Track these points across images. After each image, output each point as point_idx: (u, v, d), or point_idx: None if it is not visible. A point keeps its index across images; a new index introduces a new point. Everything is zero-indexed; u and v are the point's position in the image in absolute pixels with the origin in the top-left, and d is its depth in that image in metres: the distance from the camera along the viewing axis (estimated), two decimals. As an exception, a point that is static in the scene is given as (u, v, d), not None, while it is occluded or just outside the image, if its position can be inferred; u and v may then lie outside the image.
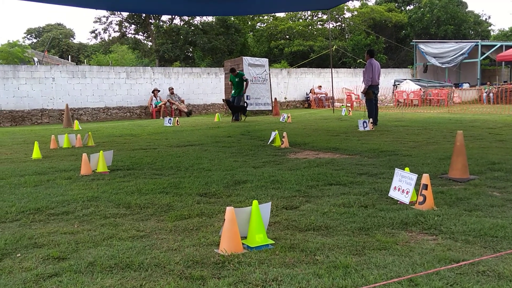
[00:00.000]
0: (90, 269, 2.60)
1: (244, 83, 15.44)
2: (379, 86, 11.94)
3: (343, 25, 37.68)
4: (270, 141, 8.30)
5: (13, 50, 21.10)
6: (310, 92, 24.92)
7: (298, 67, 26.22)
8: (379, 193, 4.24)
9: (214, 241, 3.02)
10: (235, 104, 15.43)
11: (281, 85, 24.48)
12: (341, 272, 2.47)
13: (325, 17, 37.11)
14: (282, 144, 7.97)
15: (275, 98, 19.98)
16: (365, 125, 10.45)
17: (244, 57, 19.60)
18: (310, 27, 37.09)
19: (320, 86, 25.05)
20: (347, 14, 37.63)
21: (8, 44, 21.66)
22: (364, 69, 11.84)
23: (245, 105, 15.88)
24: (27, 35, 51.29)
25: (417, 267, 2.52)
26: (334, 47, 29.17)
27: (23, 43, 23.79)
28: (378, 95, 12.35)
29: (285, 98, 24.57)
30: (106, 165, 5.85)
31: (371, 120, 10.74)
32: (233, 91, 15.79)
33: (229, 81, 16.41)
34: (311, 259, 2.69)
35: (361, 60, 28.48)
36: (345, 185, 4.66)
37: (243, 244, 2.90)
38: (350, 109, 18.54)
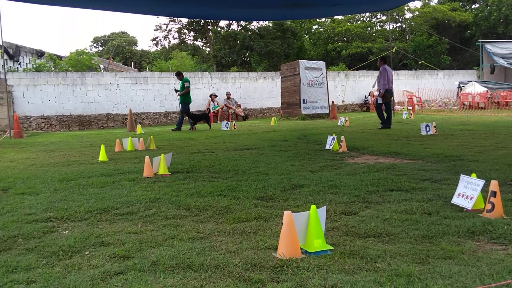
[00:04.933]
0: (153, 268, 2.68)
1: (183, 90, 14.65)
2: (392, 90, 12.76)
3: (404, 26, 36.62)
4: (327, 145, 8.21)
5: (81, 58, 22.29)
6: (369, 95, 24.40)
7: (356, 69, 25.78)
8: (443, 200, 4.07)
9: (272, 245, 3.02)
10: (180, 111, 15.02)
11: (339, 88, 24.16)
12: (404, 280, 2.39)
13: (384, 18, 36.21)
14: (340, 148, 7.85)
15: (332, 102, 19.74)
16: (427, 129, 10.08)
17: (301, 60, 19.56)
18: (369, 29, 36.35)
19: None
20: (408, 15, 36.51)
21: (77, 53, 22.90)
22: (378, 74, 12.44)
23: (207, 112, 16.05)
24: (94, 43, 54.09)
25: (486, 278, 2.38)
26: (394, 48, 28.38)
27: (90, 51, 25.04)
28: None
29: (343, 102, 24.21)
30: (167, 167, 6.03)
31: (433, 124, 10.34)
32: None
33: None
34: (372, 266, 2.62)
35: (422, 61, 27.55)
36: (407, 191, 4.51)
37: (301, 249, 2.88)
38: (411, 112, 17.96)
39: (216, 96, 20.85)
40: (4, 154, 9.43)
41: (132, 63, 44.69)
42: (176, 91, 15.01)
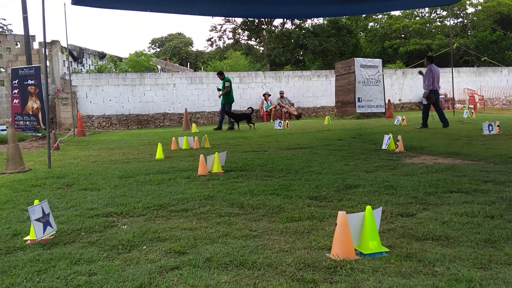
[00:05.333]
0: (207, 264, 2.73)
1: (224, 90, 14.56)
2: (438, 91, 12.34)
3: (466, 21, 35.00)
4: (383, 145, 8.00)
5: (140, 59, 23.07)
6: (428, 93, 23.52)
7: (414, 67, 24.91)
8: (508, 203, 3.85)
9: (325, 245, 2.98)
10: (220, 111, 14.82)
11: (395, 86, 23.50)
12: (464, 286, 2.28)
13: (444, 13, 34.81)
14: (396, 148, 7.63)
15: (389, 100, 19.24)
16: (490, 129, 9.59)
17: (356, 58, 19.19)
18: (428, 25, 35.08)
19: (439, 87, 23.53)
20: (470, 9, 34.92)
21: (136, 54, 23.74)
22: (424, 74, 12.10)
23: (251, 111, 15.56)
24: (152, 45, 55.81)
25: (556, 288, 2.23)
26: (455, 45, 27.19)
27: (148, 53, 25.86)
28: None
29: (400, 100, 23.52)
30: (220, 166, 6.12)
31: (497, 123, 9.81)
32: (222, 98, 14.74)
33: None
34: (430, 270, 2.53)
35: (485, 58, 26.20)
36: (467, 193, 4.31)
37: (355, 250, 2.83)
38: (472, 111, 17.16)
39: (270, 95, 20.90)
40: (69, 152, 9.95)
41: (188, 63, 45.74)
42: (219, 90, 15.05)
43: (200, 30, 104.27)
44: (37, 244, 3.27)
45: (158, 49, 53.78)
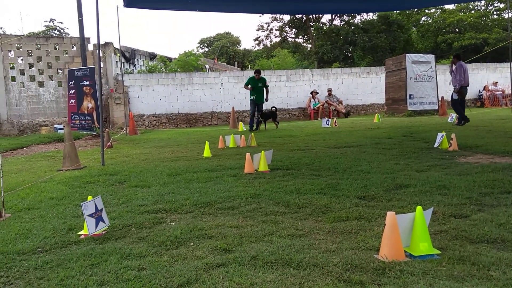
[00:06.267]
0: (253, 262, 2.73)
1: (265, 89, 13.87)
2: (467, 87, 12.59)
3: (525, 12, 33.13)
4: (436, 143, 7.72)
5: (189, 59, 23.48)
6: (484, 89, 22.51)
7: (470, 62, 23.89)
8: None
9: (373, 246, 2.91)
10: (260, 112, 13.80)
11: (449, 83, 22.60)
12: (523, 293, 2.16)
13: (502, 5, 33.13)
14: (450, 146, 7.34)
15: (442, 97, 18.54)
16: (553, 126, 9.03)
17: (407, 54, 18.64)
18: (484, 18, 33.51)
19: (496, 83, 22.46)
20: (531, 0, 32.98)
21: (185, 54, 24.19)
22: (453, 70, 12.46)
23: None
24: (200, 44, 56.74)
25: None
26: (514, 38, 25.81)
27: (197, 52, 26.29)
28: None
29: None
30: (267, 164, 6.13)
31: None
32: (255, 97, 13.79)
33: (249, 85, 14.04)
34: (484, 274, 2.41)
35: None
36: (527, 194, 4.08)
37: (405, 251, 2.74)
38: (533, 107, 16.24)
39: (317, 93, 20.71)
40: (121, 150, 10.30)
41: (235, 62, 46.14)
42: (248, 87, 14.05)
43: (248, 29, 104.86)
44: (90, 238, 3.40)
45: (206, 49, 54.59)
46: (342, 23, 34.24)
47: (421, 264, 2.59)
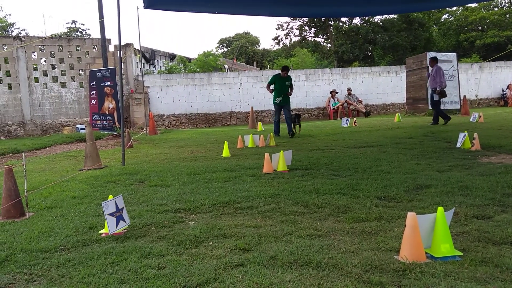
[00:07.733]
0: (272, 262, 2.73)
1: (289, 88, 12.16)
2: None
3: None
4: (458, 143, 7.59)
5: (208, 59, 23.59)
6: (508, 88, 22.04)
7: (493, 60, 23.42)
8: None
9: (393, 247, 2.88)
10: (291, 113, 12.17)
11: (471, 82, 22.22)
12: (549, 297, 2.10)
13: (527, 2, 32.41)
14: (472, 146, 7.20)
15: (464, 96, 18.21)
16: None
17: (428, 52, 18.36)
18: (507, 16, 32.79)
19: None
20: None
21: (204, 54, 24.30)
22: (431, 73, 12.75)
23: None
24: (219, 45, 56.95)
25: None
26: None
27: (216, 53, 26.39)
28: None
29: (476, 96, 22.21)
30: (286, 164, 6.11)
31: None
32: (281, 99, 12.16)
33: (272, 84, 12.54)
34: (508, 276, 2.36)
35: None
36: (553, 196, 3.97)
37: (426, 253, 2.70)
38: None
39: (337, 92, 20.58)
40: (141, 149, 10.40)
41: (254, 62, 46.16)
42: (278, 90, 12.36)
43: (267, 29, 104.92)
44: (111, 237, 3.44)
45: (225, 49, 54.75)
46: (362, 22, 33.94)
47: (442, 265, 2.55)
